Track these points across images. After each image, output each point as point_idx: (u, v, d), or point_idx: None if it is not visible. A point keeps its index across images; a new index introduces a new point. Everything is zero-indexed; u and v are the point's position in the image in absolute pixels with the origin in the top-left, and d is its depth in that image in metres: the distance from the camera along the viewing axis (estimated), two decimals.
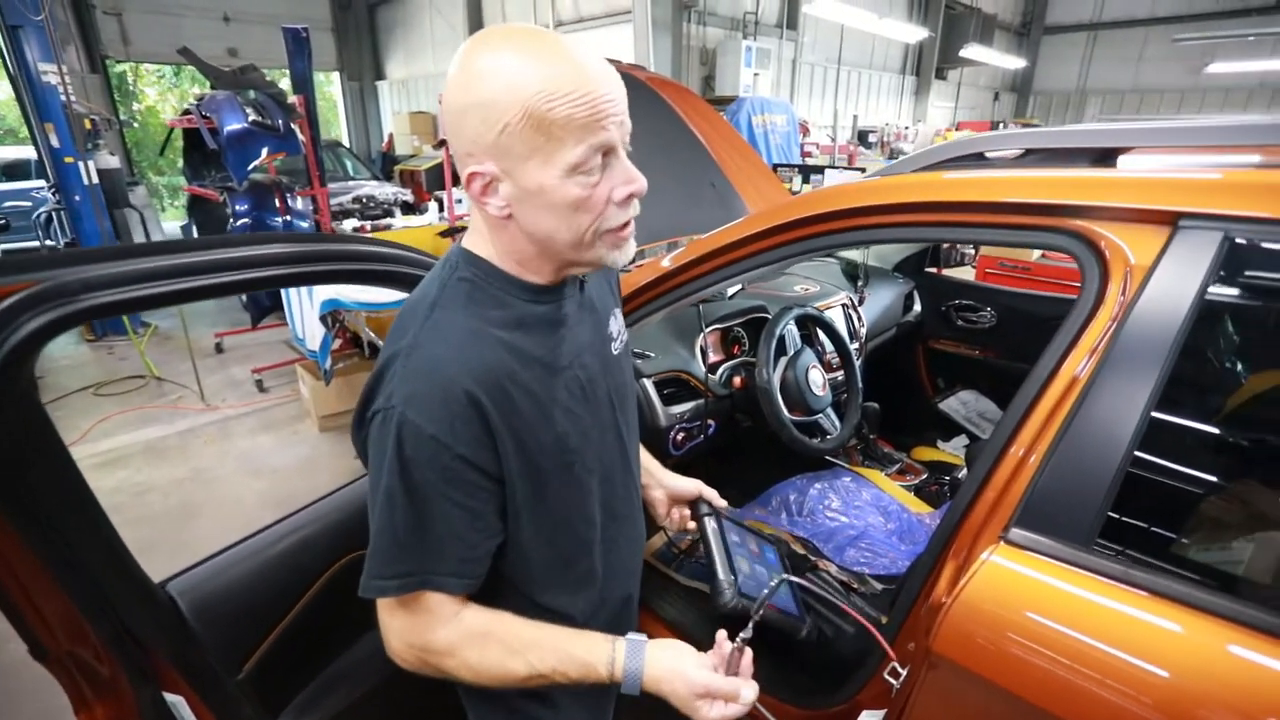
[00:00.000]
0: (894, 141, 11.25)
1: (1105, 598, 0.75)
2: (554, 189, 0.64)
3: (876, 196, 1.09)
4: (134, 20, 9.60)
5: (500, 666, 0.72)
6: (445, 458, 0.66)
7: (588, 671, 0.73)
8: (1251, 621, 0.65)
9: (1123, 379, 0.80)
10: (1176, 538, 0.91)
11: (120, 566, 0.77)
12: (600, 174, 0.65)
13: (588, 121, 0.61)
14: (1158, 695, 0.69)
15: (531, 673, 0.72)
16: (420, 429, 0.64)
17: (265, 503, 3.03)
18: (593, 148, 0.63)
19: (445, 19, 11.36)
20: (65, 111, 4.58)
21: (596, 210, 0.66)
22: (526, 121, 0.61)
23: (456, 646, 0.71)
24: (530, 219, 0.67)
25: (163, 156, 8.79)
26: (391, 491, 0.66)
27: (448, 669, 0.72)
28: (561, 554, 0.80)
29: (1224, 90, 14.67)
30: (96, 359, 4.85)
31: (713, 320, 1.84)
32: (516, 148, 0.62)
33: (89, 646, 0.76)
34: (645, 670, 0.74)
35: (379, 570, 0.69)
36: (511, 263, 0.73)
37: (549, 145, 0.62)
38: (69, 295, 0.64)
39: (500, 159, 0.63)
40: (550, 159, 0.63)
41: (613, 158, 0.66)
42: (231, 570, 0.96)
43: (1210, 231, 0.79)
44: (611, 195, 0.66)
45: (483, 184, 0.66)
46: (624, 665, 0.73)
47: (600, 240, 0.69)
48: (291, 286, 1.09)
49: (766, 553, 1.07)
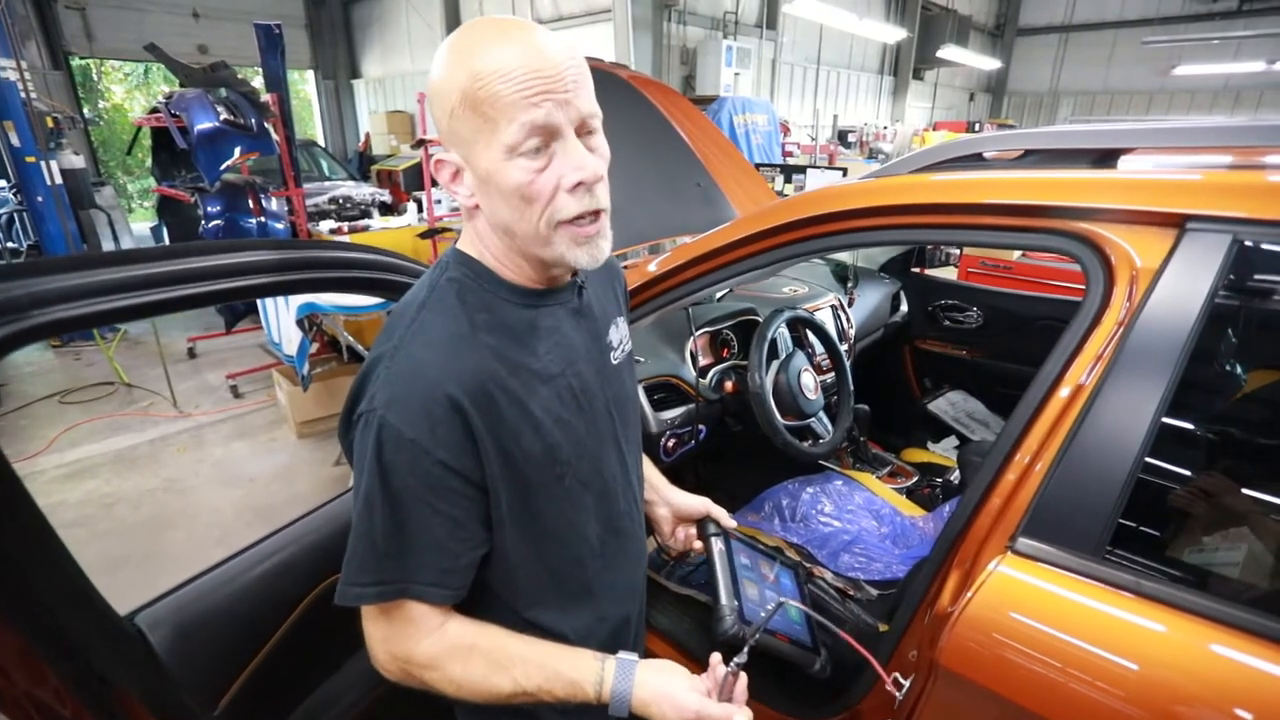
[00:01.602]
0: (873, 141, 11.36)
1: (1118, 609, 0.73)
2: (498, 173, 0.63)
3: (877, 198, 1.07)
4: (98, 15, 9.31)
5: (485, 681, 0.69)
6: (425, 463, 0.64)
7: (574, 690, 0.71)
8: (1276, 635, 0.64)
9: (1131, 384, 0.79)
10: (1189, 547, 0.90)
11: (81, 600, 0.71)
12: (546, 159, 0.63)
13: (516, 99, 0.59)
14: (1179, 710, 0.67)
15: (517, 689, 0.70)
16: (400, 433, 0.63)
17: (241, 512, 2.94)
18: (525, 126, 0.60)
19: (422, 17, 11.21)
20: (26, 109, 4.42)
21: (544, 198, 0.64)
22: (464, 103, 0.61)
23: (439, 659, 0.69)
24: (489, 208, 0.67)
25: (130, 156, 8.53)
26: (371, 496, 0.65)
27: (430, 682, 0.70)
28: (551, 569, 0.77)
29: (1190, 92, 15.07)
30: (63, 365, 4.68)
31: (702, 323, 1.82)
32: (463, 131, 0.62)
33: (48, 688, 0.70)
34: (634, 692, 0.72)
35: (355, 576, 0.67)
36: (494, 260, 0.72)
37: (486, 126, 0.61)
38: (17, 311, 0.58)
39: (456, 145, 0.64)
40: (490, 141, 0.62)
41: (560, 142, 0.63)
42: (205, 599, 0.90)
43: (1219, 234, 0.78)
44: (560, 183, 0.63)
45: (449, 172, 0.67)
46: (612, 686, 0.71)
47: (557, 234, 0.66)
48: (270, 296, 1.04)
49: (782, 578, 1.05)
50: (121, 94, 13.84)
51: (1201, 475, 0.92)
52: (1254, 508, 0.89)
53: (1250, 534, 0.85)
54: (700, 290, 1.35)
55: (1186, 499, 0.89)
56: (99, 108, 12.82)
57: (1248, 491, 0.90)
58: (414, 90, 10.23)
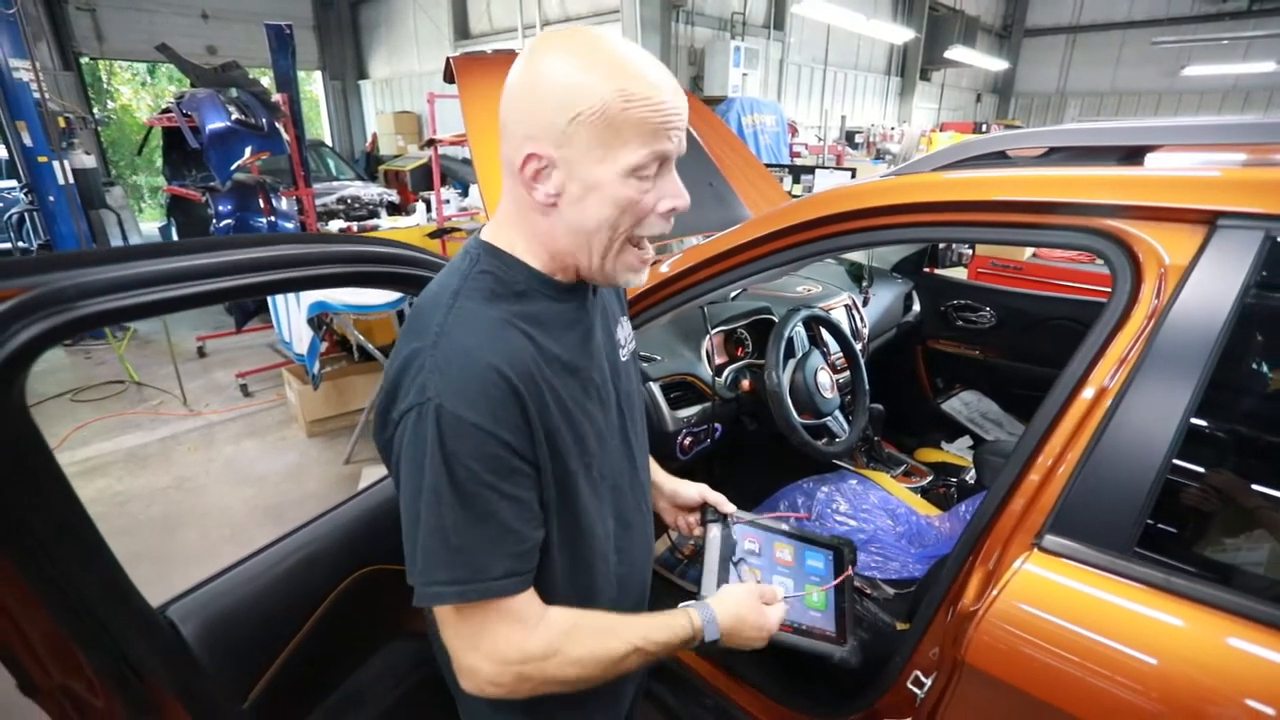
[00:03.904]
0: (880, 142, 11.33)
1: (1149, 607, 0.73)
2: (609, 185, 0.65)
3: (897, 196, 1.07)
4: (108, 16, 9.38)
5: (602, 649, 0.72)
6: (491, 446, 0.63)
7: (672, 632, 0.77)
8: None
9: (1160, 382, 0.78)
10: (1219, 545, 0.90)
11: (118, 592, 0.71)
12: (651, 182, 0.67)
13: (657, 129, 0.64)
14: (1209, 709, 0.67)
15: (629, 648, 0.73)
16: (461, 418, 0.62)
17: (252, 511, 2.95)
18: (655, 154, 0.65)
19: (430, 18, 11.24)
20: (39, 109, 4.45)
21: (640, 216, 0.68)
22: (601, 115, 0.62)
23: (558, 645, 0.69)
24: (575, 211, 0.67)
25: (140, 156, 8.57)
26: (438, 490, 0.63)
27: (550, 673, 0.69)
28: (578, 560, 0.78)
29: (1199, 93, 15.00)
30: (73, 364, 4.70)
31: (717, 322, 1.82)
32: (583, 138, 0.63)
33: (83, 679, 0.71)
34: (715, 610, 0.81)
35: (432, 575, 0.65)
36: (539, 255, 0.72)
37: (615, 142, 0.63)
38: (64, 302, 0.59)
39: (563, 146, 0.64)
40: (613, 156, 0.64)
41: (666, 169, 0.68)
42: (235, 592, 0.91)
43: (1251, 231, 0.78)
44: (657, 206, 0.68)
45: (537, 168, 0.66)
46: (699, 614, 0.80)
47: (626, 251, 0.70)
48: (305, 290, 1.05)
49: (808, 560, 1.02)
50: (129, 94, 13.92)
51: (1230, 475, 0.92)
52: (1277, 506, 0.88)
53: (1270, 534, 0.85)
54: (715, 290, 1.35)
55: (1215, 498, 0.89)
56: (108, 108, 12.90)
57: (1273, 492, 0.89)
58: (421, 91, 10.25)
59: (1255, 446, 0.97)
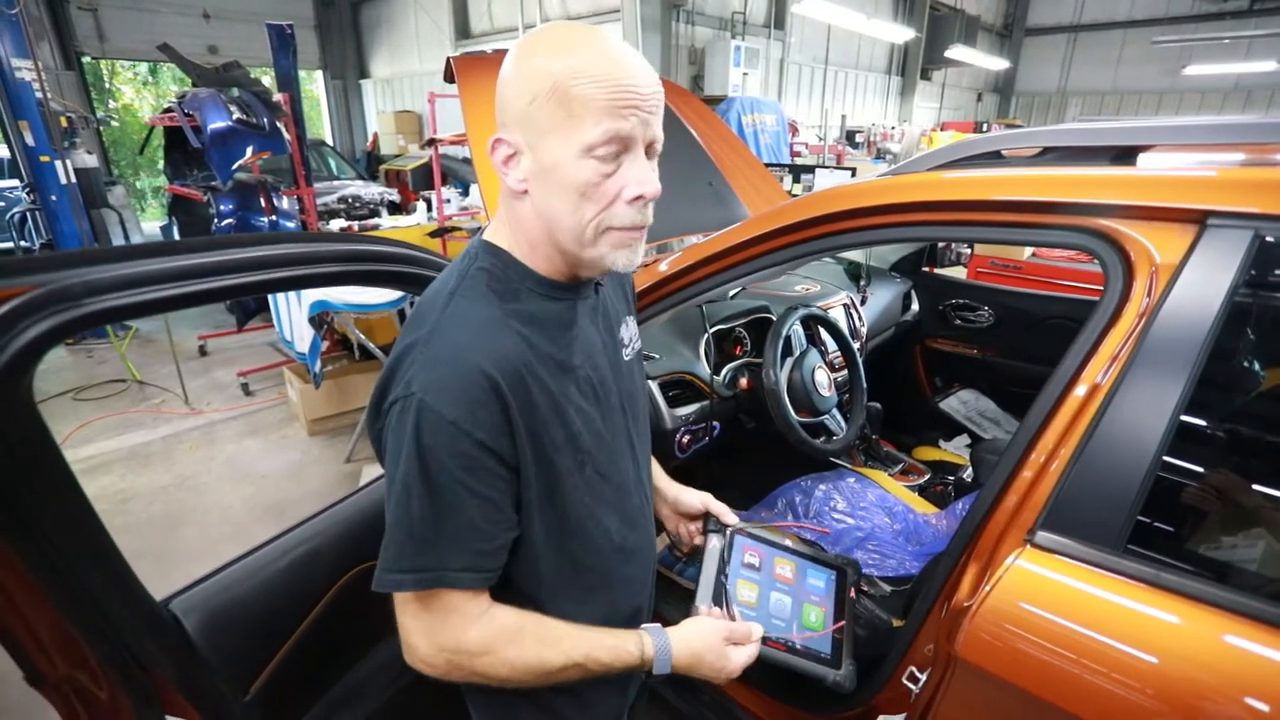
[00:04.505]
0: (880, 141, 11.33)
1: (1139, 602, 0.74)
2: (566, 166, 0.65)
3: (894, 195, 1.08)
4: (110, 16, 9.38)
5: (537, 658, 0.72)
6: (464, 444, 0.65)
7: (618, 655, 0.75)
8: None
9: (1151, 380, 0.79)
10: (1209, 542, 0.90)
11: (123, 586, 0.73)
12: (615, 166, 0.66)
13: (608, 105, 0.63)
14: (1200, 704, 0.68)
15: (568, 662, 0.72)
16: (440, 415, 0.64)
17: (253, 509, 2.96)
18: (609, 132, 0.63)
19: (430, 17, 11.24)
20: (41, 109, 4.46)
21: (603, 201, 0.67)
22: (553, 94, 0.63)
23: (492, 643, 0.70)
24: (542, 196, 0.68)
25: (142, 156, 8.59)
26: (408, 481, 0.65)
27: (482, 668, 0.71)
28: (572, 559, 0.78)
29: (1200, 92, 14.98)
30: (75, 362, 4.72)
31: (716, 321, 1.83)
32: (541, 120, 0.64)
33: (88, 670, 0.72)
34: (672, 642, 0.79)
35: (393, 563, 0.67)
36: (526, 249, 0.73)
37: (569, 122, 0.63)
38: (72, 299, 0.60)
39: (526, 130, 0.66)
40: (569, 136, 0.64)
41: (631, 154, 0.66)
42: (237, 586, 0.92)
43: (1240, 230, 0.78)
44: (622, 192, 0.67)
45: (506, 153, 0.68)
46: (653, 643, 0.78)
47: (603, 238, 0.68)
48: (309, 288, 1.06)
49: (809, 578, 1.00)
50: (131, 94, 13.93)
51: (1220, 472, 0.92)
52: (1268, 503, 0.89)
53: (1267, 531, 0.85)
54: (714, 289, 1.36)
55: (1206, 495, 0.90)
56: (110, 108, 12.91)
57: (1263, 489, 0.90)
58: (421, 90, 10.26)
59: (1245, 444, 0.98)
